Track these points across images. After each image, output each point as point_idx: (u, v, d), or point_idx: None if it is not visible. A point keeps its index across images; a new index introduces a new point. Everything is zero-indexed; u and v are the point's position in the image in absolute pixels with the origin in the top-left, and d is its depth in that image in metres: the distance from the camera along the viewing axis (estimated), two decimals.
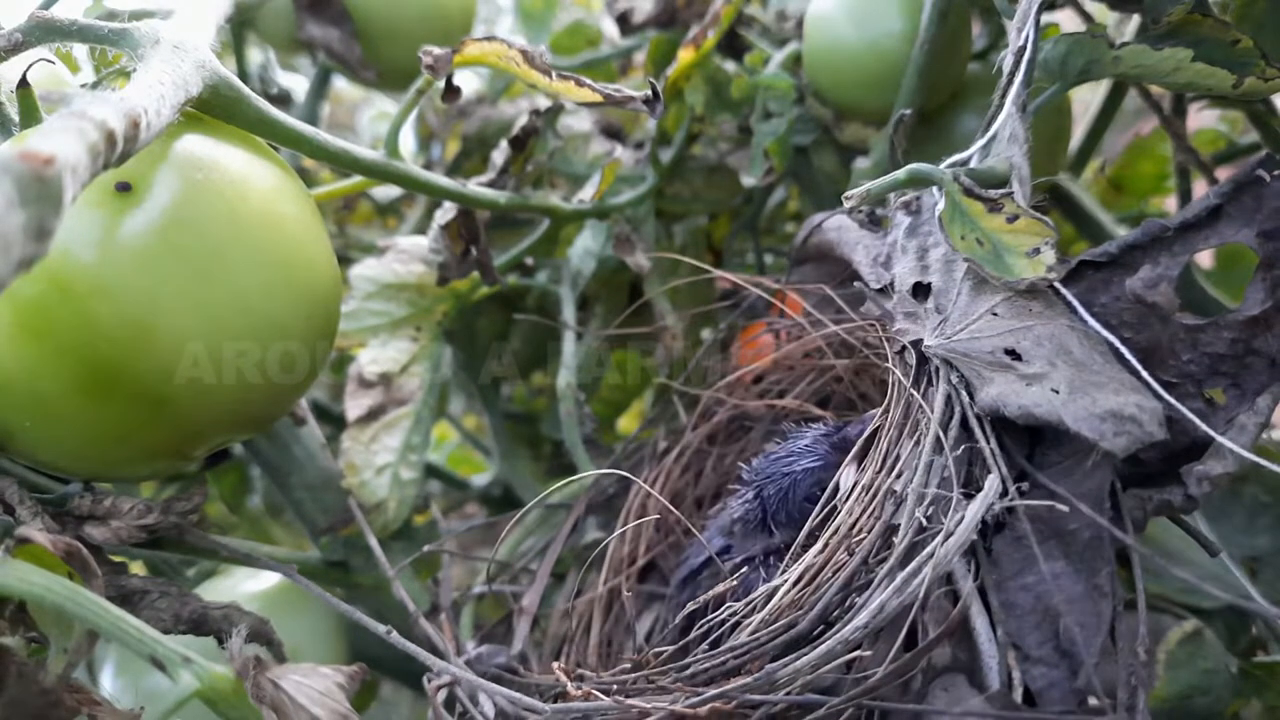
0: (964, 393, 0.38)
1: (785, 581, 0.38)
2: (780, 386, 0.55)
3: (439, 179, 0.50)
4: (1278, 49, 0.41)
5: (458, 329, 0.62)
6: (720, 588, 0.42)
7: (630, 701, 0.36)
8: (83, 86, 0.42)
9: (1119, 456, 0.33)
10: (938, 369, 0.39)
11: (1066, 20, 0.58)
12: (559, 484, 0.44)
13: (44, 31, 0.36)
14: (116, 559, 0.41)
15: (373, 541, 0.50)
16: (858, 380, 0.52)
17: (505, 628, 0.51)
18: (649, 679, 0.38)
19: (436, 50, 0.45)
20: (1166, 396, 0.35)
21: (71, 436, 0.37)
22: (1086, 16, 0.60)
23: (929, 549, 0.34)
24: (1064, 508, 0.34)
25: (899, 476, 0.38)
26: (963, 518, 0.34)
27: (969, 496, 0.35)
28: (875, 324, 0.46)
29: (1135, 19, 0.59)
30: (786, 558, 0.42)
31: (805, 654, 0.34)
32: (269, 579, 0.53)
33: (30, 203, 0.22)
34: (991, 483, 0.35)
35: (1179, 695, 0.45)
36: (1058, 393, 0.34)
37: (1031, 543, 0.34)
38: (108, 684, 0.49)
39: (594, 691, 0.37)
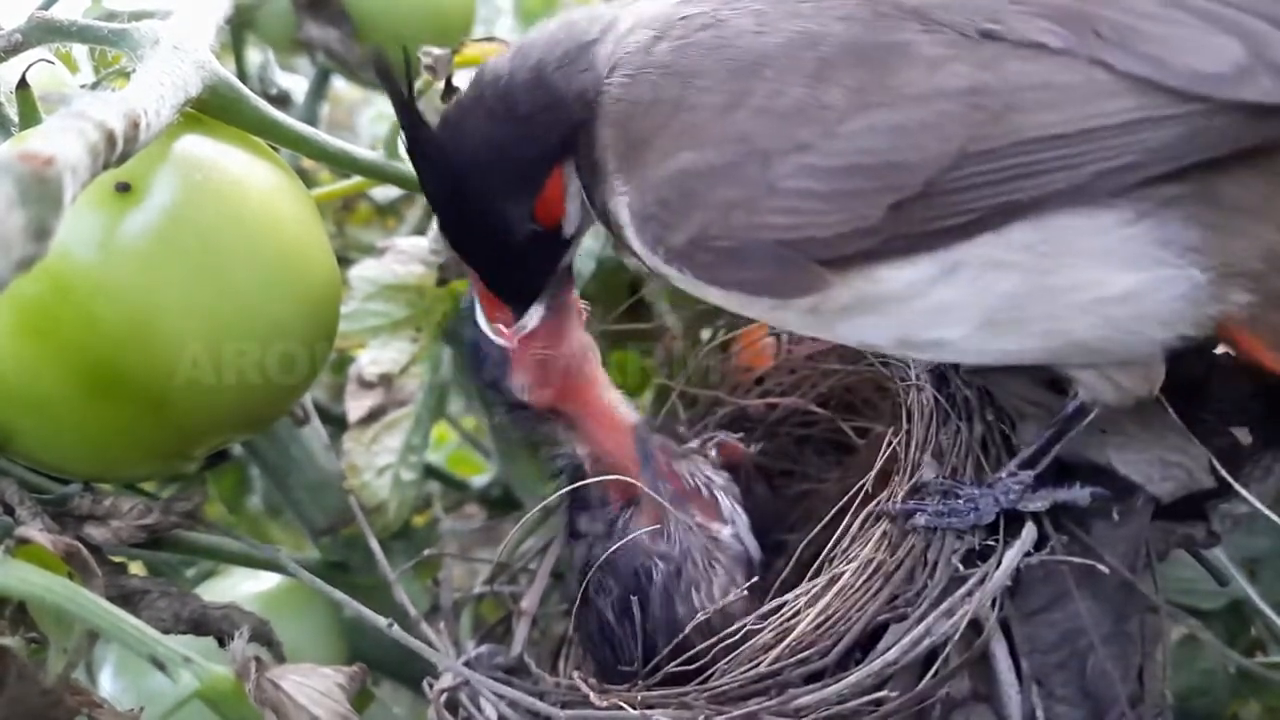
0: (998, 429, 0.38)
1: (811, 608, 0.38)
2: (782, 389, 0.55)
3: None
4: None
5: (458, 330, 0.62)
6: (732, 597, 0.42)
7: (655, 714, 0.36)
8: (82, 87, 0.42)
9: (1164, 501, 0.33)
10: (969, 399, 0.39)
11: None
12: (565, 489, 0.45)
13: (44, 32, 0.36)
14: (116, 559, 0.41)
15: (373, 543, 0.50)
16: (860, 385, 0.52)
17: (504, 628, 0.51)
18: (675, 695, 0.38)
19: (436, 51, 0.45)
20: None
21: (72, 437, 0.37)
22: None
23: (964, 590, 0.34)
24: (1103, 568, 0.34)
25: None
26: (999, 563, 0.34)
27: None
28: None
29: None
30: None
31: (831, 683, 0.35)
32: (269, 579, 0.52)
33: (31, 203, 0.22)
34: (1028, 531, 0.35)
35: (1178, 696, 0.45)
36: (1105, 433, 0.34)
37: (1062, 577, 0.34)
38: (108, 684, 0.49)
39: (620, 701, 0.37)
